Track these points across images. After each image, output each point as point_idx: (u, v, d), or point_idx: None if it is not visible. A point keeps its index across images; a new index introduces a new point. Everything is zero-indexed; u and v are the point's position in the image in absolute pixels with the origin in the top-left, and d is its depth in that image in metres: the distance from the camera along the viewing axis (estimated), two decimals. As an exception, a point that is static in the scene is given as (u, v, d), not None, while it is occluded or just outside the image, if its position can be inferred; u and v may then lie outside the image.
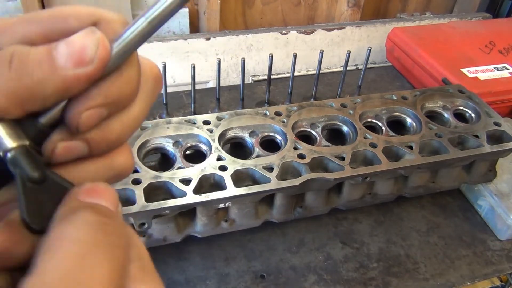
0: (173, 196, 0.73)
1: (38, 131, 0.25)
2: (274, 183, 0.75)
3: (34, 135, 0.25)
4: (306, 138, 0.87)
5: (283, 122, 0.87)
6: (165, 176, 0.73)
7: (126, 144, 0.29)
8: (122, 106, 0.26)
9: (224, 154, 0.79)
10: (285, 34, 1.36)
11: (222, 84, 1.09)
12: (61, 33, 0.24)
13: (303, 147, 0.82)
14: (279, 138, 0.86)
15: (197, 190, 0.72)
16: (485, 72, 1.18)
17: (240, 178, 0.77)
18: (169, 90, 1.04)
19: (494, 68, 1.20)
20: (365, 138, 0.86)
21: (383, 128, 0.92)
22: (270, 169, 0.77)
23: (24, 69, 0.23)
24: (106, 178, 0.28)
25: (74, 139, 0.26)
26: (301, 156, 0.80)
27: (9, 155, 0.24)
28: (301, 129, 0.89)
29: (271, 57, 1.04)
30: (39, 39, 0.25)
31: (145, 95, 0.28)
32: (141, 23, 0.25)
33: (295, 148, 0.82)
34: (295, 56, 1.07)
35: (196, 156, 0.81)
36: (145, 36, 0.26)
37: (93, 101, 0.25)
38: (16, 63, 0.23)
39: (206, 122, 0.84)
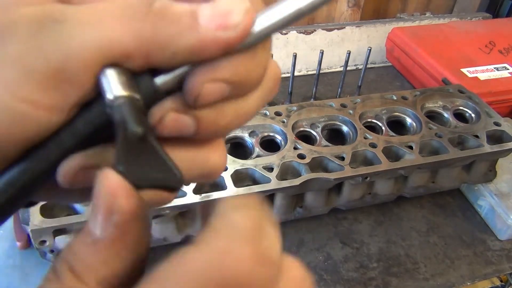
0: (173, 196, 0.73)
1: (151, 92, 0.23)
2: (274, 183, 0.75)
3: (146, 94, 0.23)
4: (306, 138, 0.87)
5: (283, 122, 0.87)
6: (165, 176, 0.73)
7: (222, 142, 0.27)
8: (243, 91, 0.24)
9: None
10: (285, 34, 1.36)
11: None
12: None
13: (303, 147, 0.82)
14: (279, 138, 0.86)
15: (197, 190, 0.72)
16: (485, 72, 1.18)
17: (240, 178, 0.77)
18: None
19: (494, 68, 1.20)
20: (365, 138, 0.86)
21: (383, 128, 0.92)
22: (270, 169, 0.77)
23: (163, 17, 0.21)
24: (195, 176, 0.26)
25: (186, 114, 0.23)
26: (301, 156, 0.80)
27: (116, 102, 0.21)
28: (301, 129, 0.89)
29: (271, 57, 1.04)
30: None
31: (263, 91, 0.25)
32: (290, 6, 0.23)
33: (295, 148, 0.82)
34: (295, 56, 1.07)
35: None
36: (290, 22, 0.23)
37: (220, 73, 0.22)
38: (156, 8, 0.21)
39: (206, 122, 0.84)
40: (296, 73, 1.14)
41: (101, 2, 0.22)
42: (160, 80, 0.23)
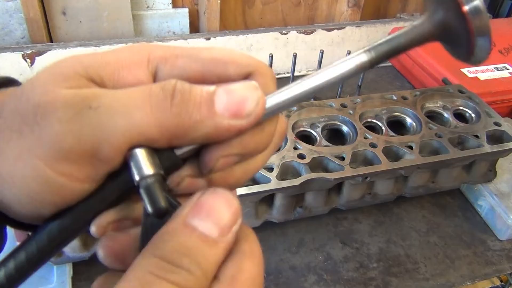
0: (173, 196, 0.73)
1: (172, 163, 0.26)
2: (274, 183, 0.75)
3: (169, 167, 0.26)
4: (306, 138, 0.87)
5: (283, 122, 0.87)
6: (165, 176, 0.73)
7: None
8: (252, 157, 0.27)
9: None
10: (285, 34, 1.36)
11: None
12: (218, 77, 0.25)
13: (303, 147, 0.82)
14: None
15: (197, 190, 0.72)
16: (485, 72, 1.18)
17: (240, 178, 0.77)
18: (169, 90, 1.04)
19: (494, 68, 1.20)
20: (365, 138, 0.86)
21: (383, 128, 0.92)
22: (270, 169, 0.77)
23: (184, 107, 0.24)
24: None
25: (200, 177, 0.27)
26: (301, 156, 0.80)
27: (144, 181, 0.24)
28: (301, 129, 0.89)
29: (271, 57, 1.04)
30: (197, 77, 0.25)
31: (271, 149, 0.28)
32: (297, 90, 0.26)
33: (295, 148, 0.82)
34: (295, 56, 1.07)
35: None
36: (297, 102, 0.26)
37: (233, 149, 0.25)
38: (178, 99, 0.24)
39: (206, 122, 0.84)
40: (296, 73, 1.14)
41: (130, 89, 0.24)
42: (179, 152, 0.26)
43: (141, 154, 0.24)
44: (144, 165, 0.24)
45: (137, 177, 0.24)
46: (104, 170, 0.24)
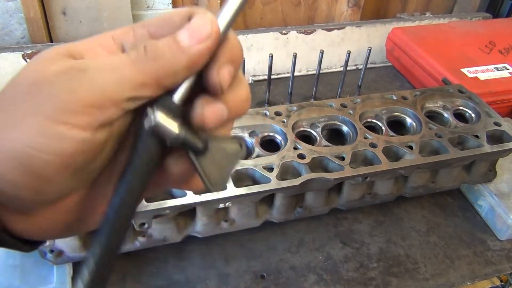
0: (173, 196, 0.73)
1: (178, 110, 0.30)
2: (274, 183, 0.75)
3: (176, 113, 0.29)
4: (306, 138, 0.87)
5: (283, 122, 0.87)
6: (165, 176, 0.73)
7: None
8: (239, 65, 0.31)
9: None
10: (285, 34, 1.36)
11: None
12: (170, 28, 0.30)
13: (303, 147, 0.82)
14: (279, 138, 0.86)
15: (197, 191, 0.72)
16: (485, 72, 1.18)
17: (240, 178, 0.77)
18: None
19: (494, 68, 1.20)
20: (365, 138, 0.86)
21: (383, 128, 0.92)
22: (270, 169, 0.77)
23: (157, 53, 0.28)
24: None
25: (217, 102, 0.30)
26: (301, 156, 0.80)
27: (179, 139, 0.29)
28: (301, 129, 0.89)
29: (271, 57, 1.04)
30: (157, 34, 0.30)
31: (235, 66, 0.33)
32: (233, 4, 0.30)
33: (295, 148, 0.82)
34: (295, 56, 1.07)
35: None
36: (238, 13, 0.30)
37: (222, 60, 0.30)
38: (149, 50, 0.28)
39: (206, 122, 0.84)
40: (296, 73, 1.14)
41: (109, 56, 0.30)
42: (177, 96, 0.30)
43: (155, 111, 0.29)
44: (169, 127, 0.29)
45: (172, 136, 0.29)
46: (100, 119, 0.28)
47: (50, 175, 0.28)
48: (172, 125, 0.29)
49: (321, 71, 1.13)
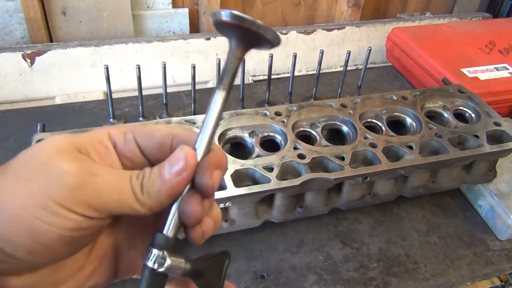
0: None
1: (175, 242, 0.37)
2: (274, 183, 0.75)
3: (175, 246, 0.37)
4: (306, 138, 0.87)
5: (283, 122, 0.87)
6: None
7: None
8: (225, 171, 0.38)
9: (224, 154, 0.79)
10: (285, 34, 1.36)
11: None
12: (153, 142, 0.38)
13: (303, 147, 0.82)
14: (279, 138, 0.86)
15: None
16: (485, 72, 1.18)
17: (240, 178, 0.77)
18: (169, 90, 1.04)
19: (494, 68, 1.20)
20: (365, 138, 0.86)
21: (383, 128, 0.92)
22: (270, 169, 0.77)
23: (148, 185, 0.35)
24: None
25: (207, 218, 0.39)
26: (301, 156, 0.80)
27: (187, 272, 0.37)
28: (301, 129, 0.89)
29: (271, 57, 1.04)
30: (142, 144, 0.38)
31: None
32: (208, 126, 0.36)
33: (295, 148, 0.82)
34: (295, 56, 1.07)
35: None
36: (214, 134, 0.37)
37: (213, 167, 0.36)
38: (145, 182, 0.35)
39: (206, 122, 0.84)
40: (296, 73, 1.14)
41: (116, 170, 0.36)
42: (170, 232, 0.36)
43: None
44: (179, 263, 0.36)
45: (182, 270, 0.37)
46: (94, 217, 0.33)
47: (47, 243, 0.32)
48: (181, 263, 0.36)
49: (321, 71, 1.13)
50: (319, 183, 0.79)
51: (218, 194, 0.73)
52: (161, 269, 0.34)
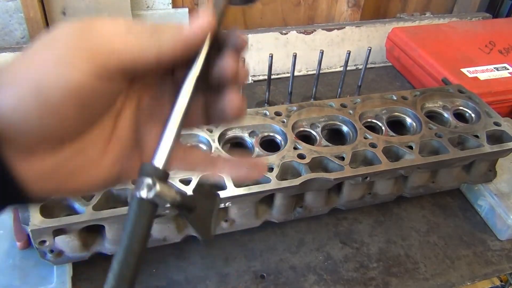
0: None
1: (165, 174, 0.34)
2: (274, 183, 0.75)
3: (165, 178, 0.34)
4: (306, 138, 0.87)
5: (283, 122, 0.87)
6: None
7: None
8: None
9: (224, 154, 0.79)
10: (285, 34, 1.36)
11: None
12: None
13: (303, 147, 0.82)
14: (279, 138, 0.86)
15: (197, 190, 0.72)
16: (485, 72, 1.18)
17: (240, 178, 0.77)
18: (169, 90, 1.04)
19: (494, 68, 1.20)
20: (365, 138, 0.86)
21: (383, 128, 0.92)
22: (270, 169, 0.77)
23: (160, 28, 0.33)
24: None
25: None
26: (301, 156, 0.80)
27: (176, 204, 0.34)
28: (301, 129, 0.89)
29: (271, 57, 1.04)
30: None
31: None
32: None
33: (295, 148, 0.82)
34: (295, 56, 1.07)
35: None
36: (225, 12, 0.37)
37: (238, 32, 0.37)
38: (154, 25, 0.34)
39: (206, 122, 0.84)
40: (296, 73, 1.14)
41: (119, 19, 0.33)
42: (161, 163, 0.34)
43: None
44: (177, 191, 0.34)
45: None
46: (100, 65, 0.31)
47: (57, 105, 0.30)
48: (171, 192, 0.33)
49: (321, 71, 1.13)
50: (319, 183, 0.79)
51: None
52: (150, 196, 0.32)
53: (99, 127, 0.35)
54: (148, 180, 0.32)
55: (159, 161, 0.34)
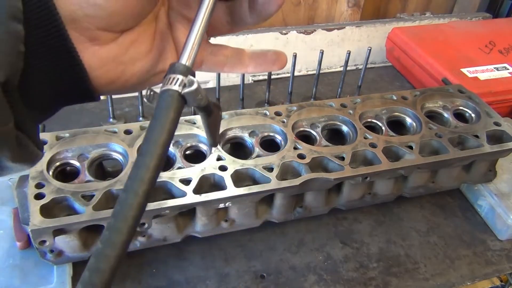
0: (173, 196, 0.73)
1: (193, 72, 0.35)
2: (274, 183, 0.75)
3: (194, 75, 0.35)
4: (306, 138, 0.87)
5: (283, 122, 0.87)
6: (164, 176, 0.74)
7: None
8: None
9: (224, 154, 0.79)
10: (285, 34, 1.36)
11: (222, 84, 1.09)
12: None
13: (303, 147, 0.82)
14: (279, 138, 0.86)
15: (197, 190, 0.72)
16: (485, 72, 1.18)
17: (240, 178, 0.77)
18: (169, 90, 1.04)
19: (494, 68, 1.20)
20: (365, 138, 0.86)
21: (383, 128, 0.92)
22: (270, 169, 0.77)
23: None
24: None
25: None
26: (301, 156, 0.80)
27: (204, 103, 0.35)
28: (301, 129, 0.89)
29: (271, 57, 1.04)
30: None
31: None
32: None
33: (295, 148, 0.82)
34: (295, 56, 1.07)
35: (196, 156, 0.81)
36: None
37: None
38: None
39: (206, 122, 0.84)
40: (296, 73, 1.14)
41: None
42: (189, 60, 0.35)
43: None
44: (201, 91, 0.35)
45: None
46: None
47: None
48: (202, 92, 0.34)
49: (321, 71, 1.13)
50: (319, 183, 0.79)
51: (219, 194, 0.73)
52: (184, 91, 0.33)
53: (146, 24, 0.38)
54: (182, 77, 0.33)
55: (187, 59, 0.35)
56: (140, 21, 0.37)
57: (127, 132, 0.80)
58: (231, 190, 0.73)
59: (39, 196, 0.68)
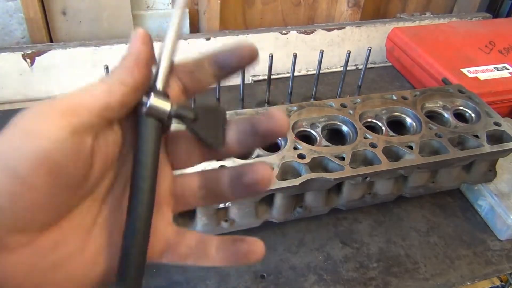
0: (173, 196, 0.73)
1: (165, 93, 0.35)
2: (274, 183, 0.75)
3: (164, 95, 0.35)
4: (306, 138, 0.87)
5: (283, 122, 0.87)
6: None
7: None
8: None
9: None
10: (285, 34, 1.36)
11: (222, 84, 1.09)
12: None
13: (303, 147, 0.82)
14: (279, 138, 0.86)
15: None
16: (485, 72, 1.18)
17: (240, 178, 0.77)
18: (169, 90, 1.04)
19: (494, 68, 1.20)
20: (365, 138, 0.86)
21: (383, 128, 0.92)
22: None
23: (124, 86, 0.33)
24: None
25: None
26: (301, 156, 0.80)
27: (173, 113, 0.35)
28: (301, 129, 0.89)
29: (271, 57, 1.04)
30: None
31: None
32: (171, 35, 0.38)
33: (295, 148, 0.82)
34: (295, 56, 1.07)
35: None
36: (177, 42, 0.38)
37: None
38: (114, 76, 0.34)
39: (206, 122, 0.84)
40: (296, 73, 1.14)
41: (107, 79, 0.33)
42: (159, 84, 0.35)
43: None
44: (163, 105, 0.34)
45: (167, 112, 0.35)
46: (74, 122, 0.30)
47: (24, 173, 0.27)
48: (165, 104, 0.34)
49: (321, 71, 1.13)
50: (319, 183, 0.79)
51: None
52: (143, 112, 0.33)
53: (81, 211, 0.32)
54: (144, 98, 0.34)
55: (158, 84, 0.35)
56: (65, 214, 0.31)
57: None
58: (231, 190, 0.73)
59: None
